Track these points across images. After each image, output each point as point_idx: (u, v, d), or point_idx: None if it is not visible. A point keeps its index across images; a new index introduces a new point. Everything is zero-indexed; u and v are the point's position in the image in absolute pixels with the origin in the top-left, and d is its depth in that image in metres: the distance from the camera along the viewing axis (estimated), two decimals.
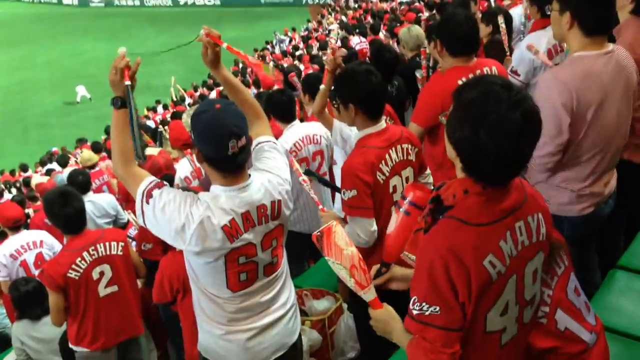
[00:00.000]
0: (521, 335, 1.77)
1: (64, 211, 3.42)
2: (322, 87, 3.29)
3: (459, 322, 1.59)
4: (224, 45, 2.23)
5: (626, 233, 3.34)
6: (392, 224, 1.94)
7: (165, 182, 2.17)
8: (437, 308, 1.57)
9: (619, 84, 2.55)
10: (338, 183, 3.13)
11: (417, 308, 1.61)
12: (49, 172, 10.26)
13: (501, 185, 1.62)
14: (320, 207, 2.81)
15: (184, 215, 2.04)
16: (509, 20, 4.58)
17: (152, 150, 4.53)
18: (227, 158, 2.05)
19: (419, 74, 4.18)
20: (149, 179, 2.14)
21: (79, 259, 3.42)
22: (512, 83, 1.61)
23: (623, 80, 2.56)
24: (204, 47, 2.22)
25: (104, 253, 3.51)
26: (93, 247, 3.48)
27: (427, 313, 1.59)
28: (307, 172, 2.99)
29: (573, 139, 2.54)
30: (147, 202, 2.08)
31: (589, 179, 2.65)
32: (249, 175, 2.19)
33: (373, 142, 2.70)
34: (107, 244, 3.54)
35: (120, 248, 3.59)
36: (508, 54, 4.22)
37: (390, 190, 2.73)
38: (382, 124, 2.76)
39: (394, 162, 2.72)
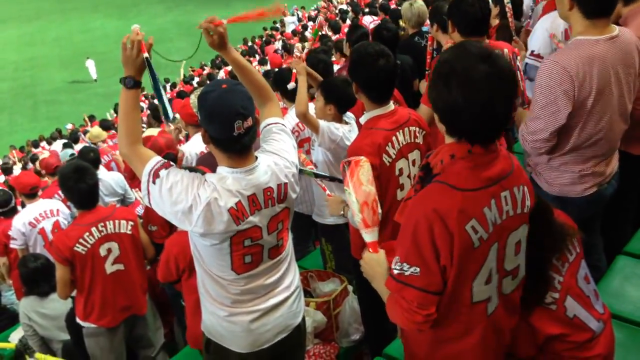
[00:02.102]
0: (501, 306, 1.80)
1: (78, 186, 3.44)
2: (300, 89, 3.33)
3: (437, 286, 1.65)
4: (225, 22, 2.17)
5: (635, 220, 3.31)
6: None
7: (172, 163, 2.16)
8: (417, 269, 1.63)
9: (622, 68, 2.51)
10: None
11: (398, 268, 1.67)
12: (67, 146, 10.30)
13: (483, 145, 1.65)
14: (327, 192, 2.80)
15: (192, 196, 2.03)
16: (518, 2, 4.50)
17: (152, 131, 4.51)
18: (232, 139, 2.03)
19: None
20: (156, 159, 2.12)
21: (87, 233, 3.44)
22: (487, 45, 1.68)
23: (626, 63, 2.53)
24: (205, 33, 2.15)
25: (112, 230, 3.53)
26: (102, 224, 3.50)
27: (407, 273, 1.65)
28: (302, 172, 2.91)
29: (575, 125, 2.53)
30: (154, 182, 2.06)
31: (590, 162, 2.64)
32: (256, 157, 2.18)
33: (381, 124, 2.68)
34: (116, 221, 3.55)
35: (129, 227, 3.61)
36: (515, 37, 4.17)
37: (397, 173, 2.71)
38: (390, 105, 2.74)
39: (400, 145, 2.70)
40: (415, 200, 1.70)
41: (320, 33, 10.03)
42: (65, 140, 13.46)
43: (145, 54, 2.13)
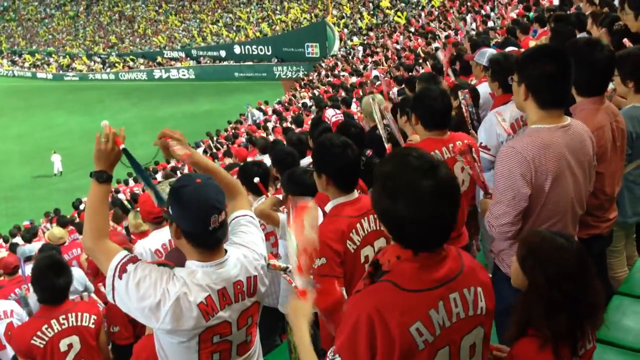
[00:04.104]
0: None
1: (55, 282, 3.32)
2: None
3: None
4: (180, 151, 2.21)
5: None
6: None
7: (139, 258, 2.13)
8: None
9: (575, 156, 2.63)
10: None
11: (331, 357, 1.64)
12: (13, 248, 9.99)
13: (428, 251, 1.66)
14: (294, 284, 2.76)
15: (160, 291, 1.97)
16: (476, 95, 4.73)
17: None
18: (207, 233, 2.03)
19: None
20: (123, 253, 2.08)
21: (45, 326, 3.29)
22: (426, 153, 1.67)
23: (579, 152, 2.65)
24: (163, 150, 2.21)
25: (74, 323, 3.38)
26: (63, 316, 3.35)
27: None
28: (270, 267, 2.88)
29: (533, 209, 2.61)
30: (120, 277, 2.01)
31: None
32: (225, 250, 2.16)
33: (344, 211, 2.72)
34: (79, 314, 3.41)
35: (92, 320, 3.46)
36: (471, 129, 4.33)
37: (362, 260, 2.72)
38: (354, 194, 2.79)
39: (365, 232, 2.72)
40: (360, 295, 1.69)
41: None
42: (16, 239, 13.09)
43: (123, 145, 2.15)
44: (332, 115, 6.08)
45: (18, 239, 13.24)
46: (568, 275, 1.94)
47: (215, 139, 21.42)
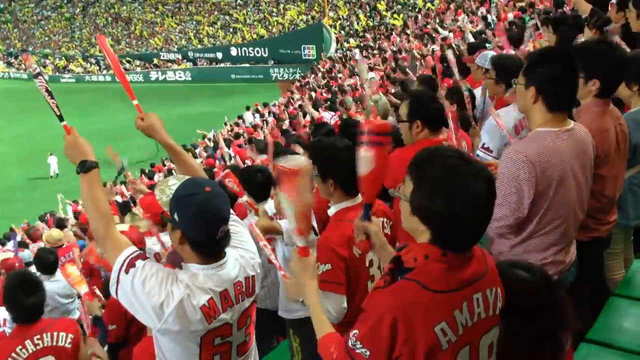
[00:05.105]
0: None
1: (24, 301, 3.23)
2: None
3: None
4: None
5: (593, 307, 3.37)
6: (365, 163, 1.99)
7: (148, 255, 2.12)
8: (368, 352, 1.63)
9: (578, 160, 2.63)
10: None
11: (352, 340, 1.66)
12: (21, 245, 9.97)
13: (460, 251, 1.68)
14: (282, 273, 2.76)
15: (165, 292, 1.96)
16: (472, 97, 4.76)
17: (122, 226, 4.44)
18: (213, 242, 2.02)
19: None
20: (132, 248, 2.06)
21: (20, 347, 3.18)
22: (464, 153, 1.73)
23: (582, 156, 2.65)
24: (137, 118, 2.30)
25: (49, 343, 3.26)
26: (38, 336, 3.24)
27: (357, 350, 1.65)
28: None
29: (536, 212, 2.60)
30: (126, 272, 1.98)
31: (551, 250, 2.69)
32: (224, 252, 2.15)
33: (349, 216, 2.69)
34: (54, 334, 3.29)
35: (69, 340, 3.34)
36: (474, 125, 4.37)
37: (367, 264, 2.71)
38: (359, 197, 2.77)
39: None
40: (384, 293, 1.69)
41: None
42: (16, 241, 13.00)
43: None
44: (330, 117, 6.10)
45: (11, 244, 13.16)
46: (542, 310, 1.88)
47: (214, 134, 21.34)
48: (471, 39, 10.79)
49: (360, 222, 2.09)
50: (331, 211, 2.79)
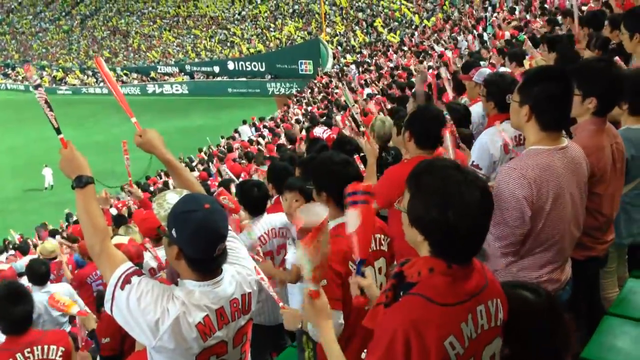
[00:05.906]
0: None
1: (12, 311, 3.21)
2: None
3: None
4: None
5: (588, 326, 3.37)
6: (353, 220, 1.99)
7: (143, 271, 2.10)
8: None
9: (573, 178, 2.64)
10: None
11: None
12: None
13: (466, 263, 1.70)
14: (281, 304, 2.74)
15: (160, 309, 1.93)
16: (467, 115, 4.76)
17: (121, 239, 4.43)
18: (211, 260, 2.01)
19: None
20: (128, 264, 2.04)
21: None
22: (460, 164, 1.74)
23: (576, 174, 2.66)
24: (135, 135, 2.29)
25: (39, 357, 3.24)
26: (29, 350, 3.21)
27: None
28: None
29: (532, 230, 2.60)
30: (122, 288, 1.96)
31: (546, 268, 2.69)
32: (221, 268, 2.14)
33: (344, 231, 2.69)
34: (45, 347, 3.27)
35: (60, 353, 3.31)
36: (461, 144, 4.36)
37: None
38: None
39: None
40: (392, 310, 1.69)
41: None
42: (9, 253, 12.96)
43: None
44: (322, 132, 6.06)
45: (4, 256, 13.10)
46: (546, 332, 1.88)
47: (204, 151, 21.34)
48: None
49: (354, 278, 2.08)
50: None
